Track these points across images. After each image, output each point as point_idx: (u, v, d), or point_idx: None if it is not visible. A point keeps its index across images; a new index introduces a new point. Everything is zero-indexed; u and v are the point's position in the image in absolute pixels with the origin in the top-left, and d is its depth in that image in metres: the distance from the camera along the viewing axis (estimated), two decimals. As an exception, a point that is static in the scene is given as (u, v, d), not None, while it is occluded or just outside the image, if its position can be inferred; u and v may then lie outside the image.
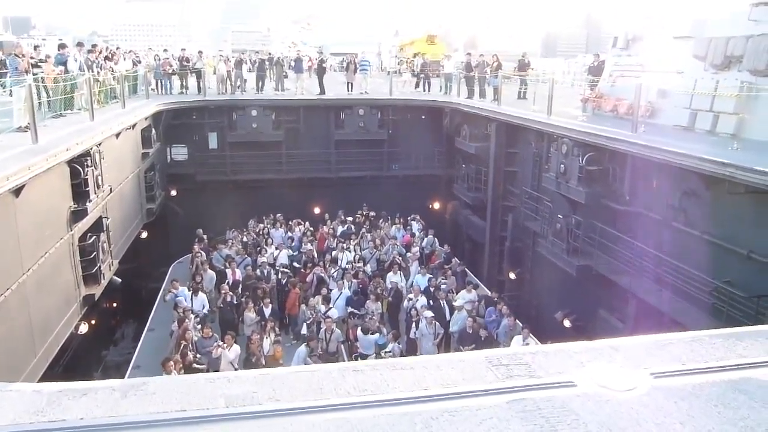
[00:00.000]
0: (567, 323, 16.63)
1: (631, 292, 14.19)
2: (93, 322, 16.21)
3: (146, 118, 20.59)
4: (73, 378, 12.15)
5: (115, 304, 20.66)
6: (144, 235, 20.44)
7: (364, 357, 14.44)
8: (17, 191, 10.09)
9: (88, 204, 13.19)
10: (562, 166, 16.34)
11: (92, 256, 13.52)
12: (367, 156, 25.96)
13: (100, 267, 13.84)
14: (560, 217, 16.82)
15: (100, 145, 14.42)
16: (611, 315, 15.33)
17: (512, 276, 20.88)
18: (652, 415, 2.82)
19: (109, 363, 19.29)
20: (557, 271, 16.90)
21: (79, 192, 13.14)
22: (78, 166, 12.98)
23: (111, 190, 15.36)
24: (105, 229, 14.66)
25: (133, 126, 18.74)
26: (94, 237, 13.73)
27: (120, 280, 16.21)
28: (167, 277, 18.72)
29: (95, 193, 13.74)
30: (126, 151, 18.17)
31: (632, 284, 14.12)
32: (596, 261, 15.29)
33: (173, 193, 24.36)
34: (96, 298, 13.98)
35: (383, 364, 3.32)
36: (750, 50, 13.98)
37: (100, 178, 14.22)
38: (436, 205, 26.26)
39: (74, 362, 16.10)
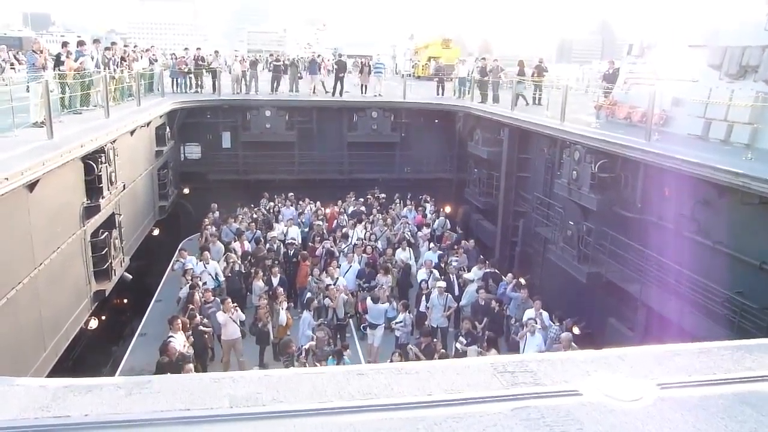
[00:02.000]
0: (576, 331, 16.54)
1: (642, 300, 14.10)
2: (103, 318, 16.31)
3: (161, 116, 20.73)
4: (81, 373, 12.24)
5: (125, 301, 20.77)
6: (156, 232, 20.58)
7: (373, 327, 14.58)
8: (31, 186, 10.19)
9: (101, 200, 13.31)
10: (574, 172, 16.27)
11: (104, 252, 13.63)
12: (380, 158, 26.02)
13: (111, 263, 13.95)
14: (571, 223, 16.75)
15: (114, 142, 14.53)
16: (621, 323, 15.23)
17: (522, 282, 20.80)
18: (657, 426, 2.80)
19: (118, 359, 19.41)
20: (567, 277, 16.81)
21: (93, 188, 13.26)
22: (92, 162, 13.10)
23: (124, 187, 15.47)
24: (117, 225, 14.76)
25: (148, 124, 18.88)
26: (106, 233, 13.83)
27: (131, 276, 16.32)
28: (177, 250, 18.97)
29: (108, 190, 13.85)
30: (140, 148, 18.30)
31: (642, 293, 14.03)
32: (607, 269, 15.21)
33: (186, 191, 24.54)
34: (106, 294, 14.07)
35: (388, 368, 3.32)
36: (766, 60, 13.87)
37: (113, 174, 14.33)
38: (447, 209, 26.23)
39: (83, 358, 16.22)
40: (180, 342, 11.63)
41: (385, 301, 14.69)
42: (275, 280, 15.74)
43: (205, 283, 15.06)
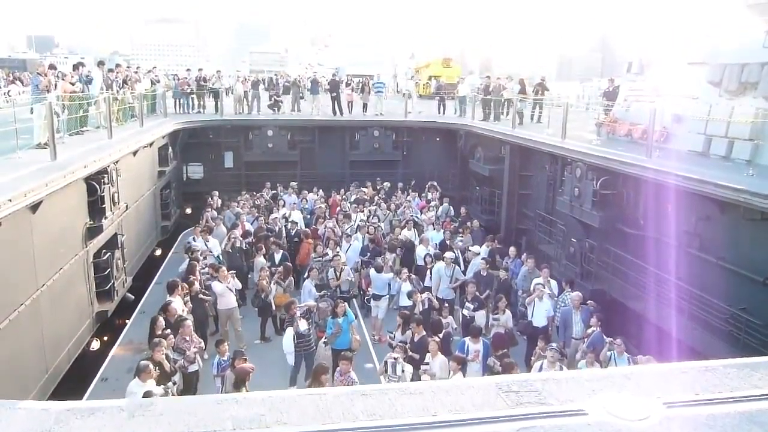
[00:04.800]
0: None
1: (645, 317, 14.02)
2: (105, 338, 16.25)
3: (163, 137, 20.83)
4: (83, 393, 12.10)
5: (127, 321, 20.70)
6: (158, 252, 20.57)
7: (377, 298, 14.62)
8: (34, 207, 10.21)
9: (103, 221, 13.32)
10: (576, 189, 16.28)
11: (106, 272, 13.62)
12: (381, 176, 26.03)
13: (113, 284, 13.93)
14: (574, 240, 16.73)
15: (117, 162, 14.58)
16: (625, 341, 15.12)
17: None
18: (664, 446, 2.77)
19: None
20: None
21: (95, 209, 13.27)
22: (95, 183, 13.14)
23: (127, 208, 15.49)
24: (120, 246, 14.76)
25: (151, 144, 18.96)
26: (109, 254, 13.83)
27: (133, 297, 16.29)
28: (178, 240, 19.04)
29: (111, 210, 13.87)
30: (143, 168, 18.36)
31: (646, 310, 13.95)
32: (610, 285, 15.16)
33: (188, 210, 24.56)
34: (109, 315, 14.04)
35: (392, 389, 3.30)
36: (765, 77, 13.94)
37: (116, 195, 14.36)
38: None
39: (85, 378, 16.12)
40: (179, 306, 11.74)
41: (389, 272, 14.72)
42: (277, 257, 15.89)
43: (205, 258, 15.23)
